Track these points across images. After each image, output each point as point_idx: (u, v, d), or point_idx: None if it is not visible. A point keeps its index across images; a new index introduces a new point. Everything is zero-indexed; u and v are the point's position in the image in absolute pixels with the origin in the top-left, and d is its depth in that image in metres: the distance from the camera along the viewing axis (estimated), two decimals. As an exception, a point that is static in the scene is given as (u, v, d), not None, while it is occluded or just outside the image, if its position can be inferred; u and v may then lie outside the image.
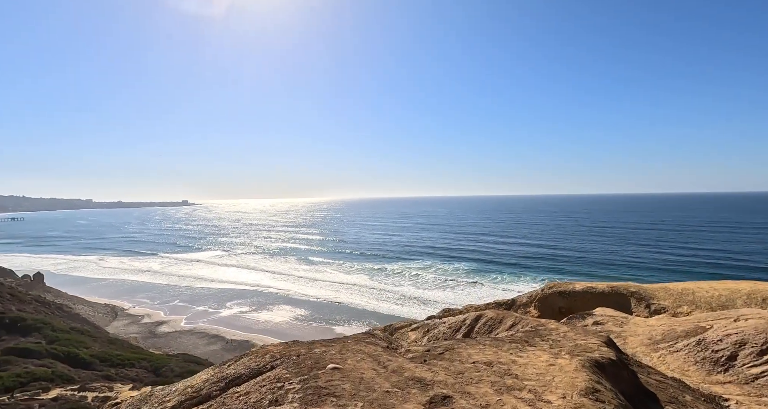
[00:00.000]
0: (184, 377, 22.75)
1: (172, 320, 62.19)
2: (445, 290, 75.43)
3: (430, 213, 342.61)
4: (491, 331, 5.50)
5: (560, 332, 5.30)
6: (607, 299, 9.20)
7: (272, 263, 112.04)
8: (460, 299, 68.05)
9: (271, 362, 4.67)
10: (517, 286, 75.57)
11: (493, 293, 70.81)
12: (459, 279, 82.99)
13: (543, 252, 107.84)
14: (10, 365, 29.07)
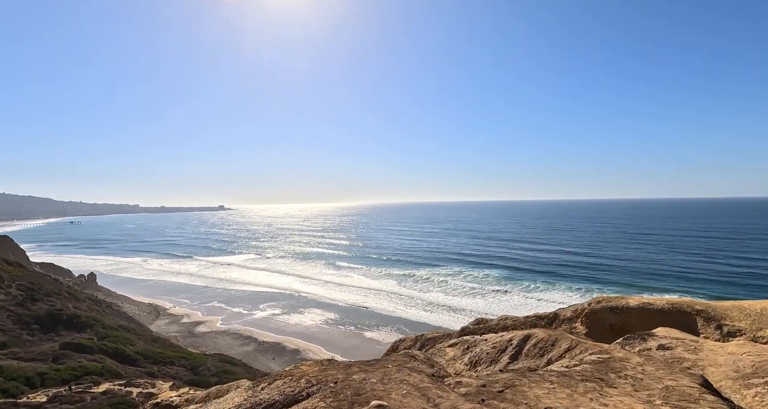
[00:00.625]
0: (220, 376, 23.38)
1: (208, 321, 64.87)
2: (474, 298, 73.59)
3: (458, 218, 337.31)
4: (543, 354, 5.00)
5: (635, 364, 4.58)
6: (667, 317, 8.22)
7: (301, 267, 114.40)
8: (492, 308, 66.07)
9: (307, 388, 4.33)
10: (551, 295, 72.39)
11: (527, 303, 68.24)
12: (489, 286, 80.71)
13: (579, 260, 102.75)
14: (66, 358, 31.37)
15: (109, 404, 23.50)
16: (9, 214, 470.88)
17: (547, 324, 9.97)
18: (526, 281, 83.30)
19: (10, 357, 30.51)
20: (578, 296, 70.79)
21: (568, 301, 66.16)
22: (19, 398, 23.50)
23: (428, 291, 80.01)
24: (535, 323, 10.92)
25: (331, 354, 50.15)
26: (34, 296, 47.09)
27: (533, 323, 10.96)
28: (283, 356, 49.67)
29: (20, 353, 32.33)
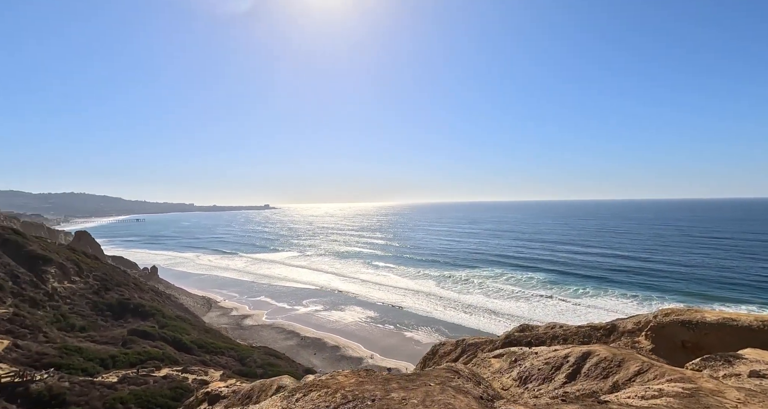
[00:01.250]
0: (265, 369, 24.32)
1: (255, 314, 68.36)
2: (518, 301, 70.59)
3: (500, 219, 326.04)
4: (606, 376, 4.35)
5: (734, 402, 3.57)
6: (756, 336, 6.82)
7: (341, 265, 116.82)
8: (536, 313, 62.98)
9: (343, 404, 4.07)
10: (602, 301, 67.48)
11: (575, 309, 64.25)
12: (533, 290, 77.01)
13: (634, 265, 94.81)
14: (133, 343, 34.57)
15: (169, 388, 25.50)
16: (87, 212, 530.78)
17: (603, 336, 9.16)
18: (573, 286, 78.44)
19: (88, 340, 34.20)
20: (634, 303, 65.37)
21: (622, 309, 61.32)
22: (95, 377, 26.25)
23: (467, 293, 78.10)
24: (589, 333, 10.07)
25: (370, 352, 50.63)
26: (107, 285, 52.47)
27: (587, 333, 10.12)
28: (323, 352, 50.99)
29: (96, 336, 36.15)
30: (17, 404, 20.96)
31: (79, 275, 51.76)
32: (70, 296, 46.18)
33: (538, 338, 11.69)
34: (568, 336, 10.63)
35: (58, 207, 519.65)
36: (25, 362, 25.56)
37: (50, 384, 22.85)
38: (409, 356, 49.11)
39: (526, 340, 12.33)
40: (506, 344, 12.96)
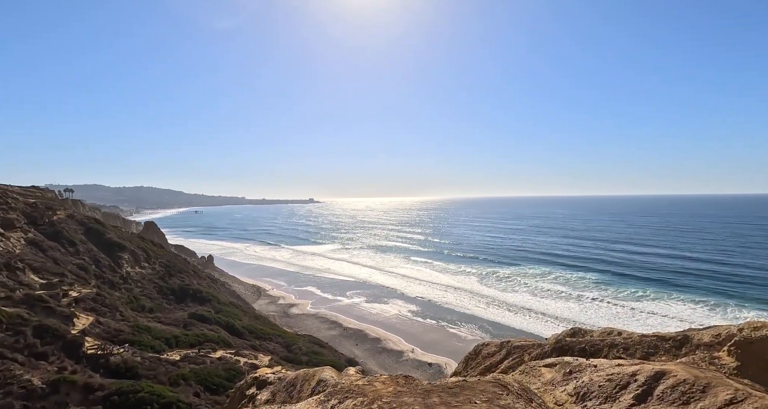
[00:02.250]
0: (309, 357, 25.25)
1: (300, 304, 71.45)
2: (567, 302, 66.69)
3: (548, 214, 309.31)
4: (687, 403, 3.63)
5: None
6: None
7: (381, 259, 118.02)
8: (588, 316, 59.13)
9: None
10: (666, 307, 61.57)
11: (633, 314, 59.35)
12: (584, 291, 72.23)
13: (705, 268, 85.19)
14: (193, 326, 37.69)
15: (223, 369, 27.51)
16: (154, 203, 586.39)
17: (673, 348, 8.22)
18: (631, 288, 72.45)
19: (155, 320, 37.83)
20: (705, 310, 58.96)
21: (690, 317, 55.58)
22: (161, 354, 29.02)
23: (512, 291, 75.29)
24: (655, 344, 9.08)
25: (411, 346, 50.79)
26: (170, 272, 57.63)
27: (652, 344, 9.14)
28: (365, 343, 52.04)
29: (161, 317, 39.90)
30: (100, 374, 23.80)
31: (147, 262, 57.36)
32: (140, 280, 51.36)
33: (594, 346, 10.83)
34: (630, 345, 9.73)
35: (131, 199, 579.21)
36: (105, 337, 28.92)
37: (125, 358, 25.65)
38: (450, 352, 48.58)
39: (579, 346, 11.49)
40: (556, 350, 12.23)
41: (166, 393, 20.90)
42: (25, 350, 23.03)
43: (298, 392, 13.20)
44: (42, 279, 36.52)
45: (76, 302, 33.37)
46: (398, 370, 44.28)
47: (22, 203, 53.54)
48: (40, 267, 38.96)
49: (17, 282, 33.32)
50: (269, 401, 14.14)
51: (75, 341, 25.89)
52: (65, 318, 28.83)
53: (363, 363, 43.21)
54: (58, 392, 19.31)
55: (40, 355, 23.18)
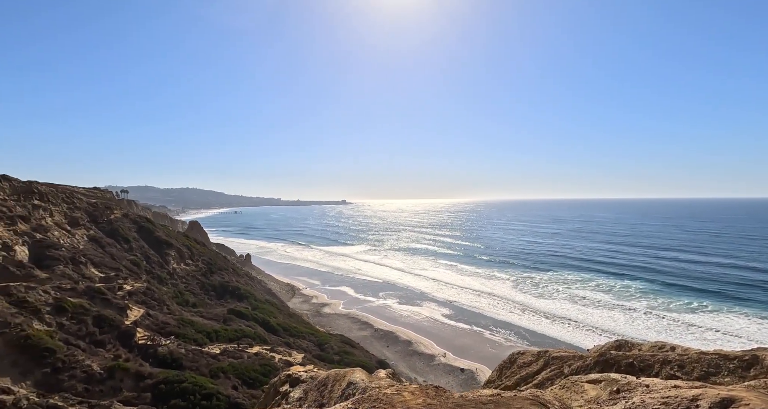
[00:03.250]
0: (341, 356, 25.56)
1: (332, 303, 72.69)
2: (611, 311, 62.62)
3: (589, 218, 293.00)
4: None
5: None
6: None
7: (412, 261, 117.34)
8: (635, 328, 55.17)
9: None
10: (725, 321, 56.01)
11: (688, 329, 54.53)
12: (630, 301, 67.47)
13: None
14: (231, 321, 39.47)
15: (259, 364, 28.53)
16: (198, 204, 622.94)
17: (739, 369, 7.44)
18: (683, 299, 66.79)
19: (198, 315, 40.01)
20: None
21: (756, 334, 50.21)
22: (203, 347, 30.63)
23: (549, 298, 71.98)
24: (716, 363, 8.27)
25: (443, 350, 50.00)
26: (211, 269, 60.79)
27: (713, 363, 8.32)
28: (396, 345, 51.93)
29: (203, 312, 42.15)
30: (149, 363, 25.54)
31: (191, 259, 60.89)
32: (185, 276, 54.60)
33: (643, 361, 10.07)
34: (686, 363, 8.94)
35: (177, 200, 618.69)
36: (154, 328, 31.01)
37: (171, 349, 27.33)
38: (482, 358, 47.28)
39: (627, 361, 10.74)
40: (600, 363, 11.52)
41: (207, 385, 22.01)
42: (86, 337, 25.21)
43: (329, 391, 13.38)
44: (101, 273, 39.86)
45: (129, 295, 36.07)
46: (429, 374, 43.72)
47: (85, 203, 58.83)
48: (100, 262, 42.55)
49: (80, 275, 36.60)
50: (301, 399, 14.45)
51: (128, 331, 27.98)
52: (120, 310, 31.24)
53: (393, 365, 43.12)
54: (113, 377, 20.94)
55: (98, 343, 25.27)
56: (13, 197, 42.64)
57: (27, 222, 39.29)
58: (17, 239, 35.73)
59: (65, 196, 54.22)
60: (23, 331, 20.03)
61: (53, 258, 36.12)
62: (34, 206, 44.09)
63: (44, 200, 46.58)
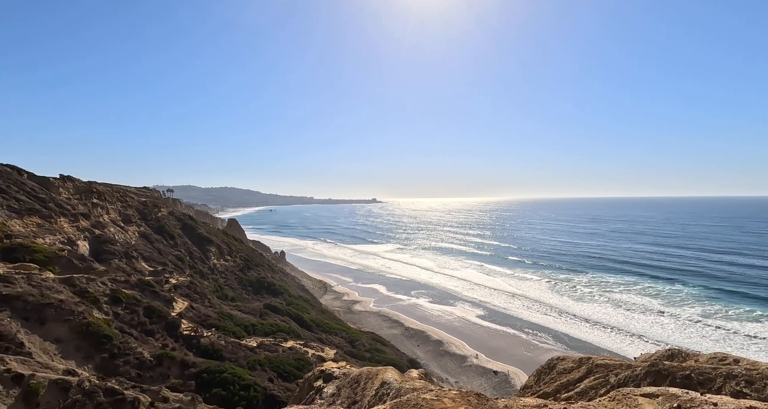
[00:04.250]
0: (372, 353, 25.63)
1: (363, 301, 73.44)
2: (659, 318, 58.41)
3: (633, 218, 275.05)
4: None
5: None
6: None
7: (443, 261, 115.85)
8: (689, 336, 51.11)
9: None
10: (795, 332, 50.46)
11: (752, 341, 49.74)
12: (682, 307, 62.53)
13: None
14: (267, 316, 40.95)
15: (294, 358, 29.37)
16: (236, 202, 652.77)
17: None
18: (744, 307, 60.99)
19: (236, 309, 41.87)
20: None
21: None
22: (241, 340, 32.00)
23: (588, 301, 68.40)
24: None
25: (475, 351, 49.02)
26: (249, 265, 63.39)
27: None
28: (426, 345, 51.57)
29: (241, 306, 44.04)
30: (193, 353, 27.08)
31: (229, 255, 63.86)
32: (224, 271, 57.35)
33: (702, 374, 9.30)
34: (755, 379, 8.20)
35: (217, 199, 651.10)
36: (196, 320, 32.83)
37: (212, 341, 28.80)
38: (518, 362, 45.83)
39: (683, 373, 9.97)
40: (651, 374, 10.77)
41: (246, 376, 22.96)
42: (138, 326, 27.15)
43: (362, 389, 13.48)
44: (150, 267, 42.79)
45: (175, 288, 38.41)
46: (461, 375, 43.02)
47: (136, 202, 63.39)
48: (149, 256, 45.70)
49: (132, 268, 39.50)
50: (334, 395, 14.68)
51: (174, 322, 29.80)
52: (167, 302, 33.35)
53: (425, 365, 42.85)
54: (161, 365, 22.39)
55: (148, 332, 27.12)
56: (76, 196, 46.74)
57: (87, 219, 42.93)
58: (80, 235, 39.14)
59: (119, 195, 58.68)
60: (85, 319, 21.91)
61: (109, 252, 39.22)
62: (93, 204, 48.10)
63: (102, 199, 50.67)
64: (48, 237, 34.67)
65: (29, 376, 13.47)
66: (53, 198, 41.09)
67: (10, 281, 21.92)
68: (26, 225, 34.42)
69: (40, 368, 14.52)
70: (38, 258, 28.29)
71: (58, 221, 37.83)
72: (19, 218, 34.23)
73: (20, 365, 13.96)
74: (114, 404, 14.68)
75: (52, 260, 29.44)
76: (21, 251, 28.48)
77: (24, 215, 34.96)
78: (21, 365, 14.06)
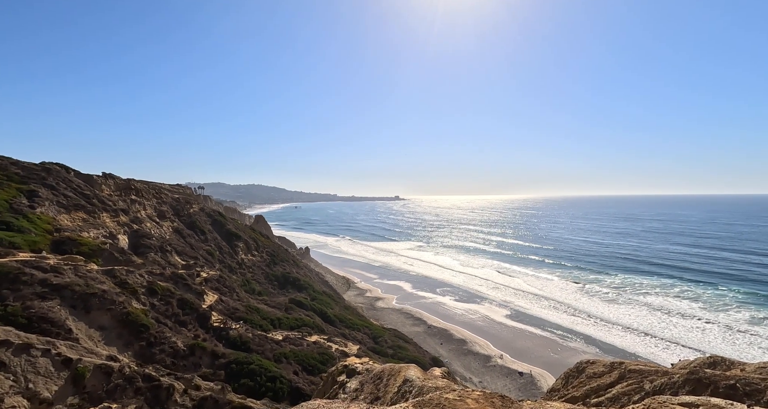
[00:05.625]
0: (395, 350, 25.70)
1: (386, 298, 73.77)
2: (698, 323, 55.04)
3: (671, 216, 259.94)
4: None
5: None
6: None
7: (467, 259, 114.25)
8: (734, 344, 47.85)
9: None
10: None
11: (801, 347, 46.06)
12: (724, 313, 58.56)
13: None
14: (292, 310, 41.97)
15: (318, 352, 29.98)
16: (263, 199, 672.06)
17: None
18: (798, 314, 56.35)
19: (263, 303, 43.16)
20: None
21: None
22: (267, 333, 33.00)
23: (620, 303, 65.45)
24: None
25: (500, 351, 48.18)
26: (274, 260, 65.13)
27: None
28: (450, 343, 51.19)
29: (268, 300, 45.35)
30: (222, 344, 28.22)
31: (256, 250, 65.84)
32: (251, 266, 59.21)
33: (749, 385, 8.75)
34: (809, 393, 7.65)
35: (244, 196, 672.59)
36: (225, 313, 34.14)
37: (241, 333, 29.87)
38: (544, 363, 44.64)
39: (726, 382, 9.40)
40: (691, 382, 10.24)
41: (272, 368, 23.68)
42: (172, 317, 28.59)
43: (385, 386, 13.57)
44: (182, 261, 44.87)
45: (205, 281, 40.10)
46: (485, 375, 42.43)
47: (170, 198, 66.55)
48: (181, 251, 47.91)
49: (167, 262, 41.57)
50: (357, 390, 14.87)
51: (205, 314, 31.14)
52: (198, 294, 34.89)
53: (448, 364, 42.58)
54: (194, 354, 23.48)
55: (181, 323, 28.49)
56: (116, 193, 49.66)
57: (126, 214, 45.54)
58: (120, 229, 41.57)
59: (155, 192, 61.78)
60: (125, 308, 23.32)
61: (146, 246, 41.43)
62: (131, 200, 50.94)
63: (139, 196, 53.57)
64: (92, 231, 37.02)
65: (77, 360, 14.51)
66: (96, 194, 43.83)
67: (59, 271, 23.61)
68: (73, 220, 36.93)
69: (86, 353, 15.60)
70: (84, 251, 30.30)
71: (100, 216, 40.35)
72: (67, 213, 36.77)
73: (69, 350, 15.05)
74: (151, 389, 15.55)
75: (96, 252, 31.46)
76: (69, 244, 30.61)
77: (71, 211, 37.52)
78: (69, 349, 15.16)
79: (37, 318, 17.94)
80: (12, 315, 17.01)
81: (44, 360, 13.84)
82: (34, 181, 37.98)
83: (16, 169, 38.53)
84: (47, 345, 14.43)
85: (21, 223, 29.59)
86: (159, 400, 15.67)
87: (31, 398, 12.26)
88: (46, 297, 20.22)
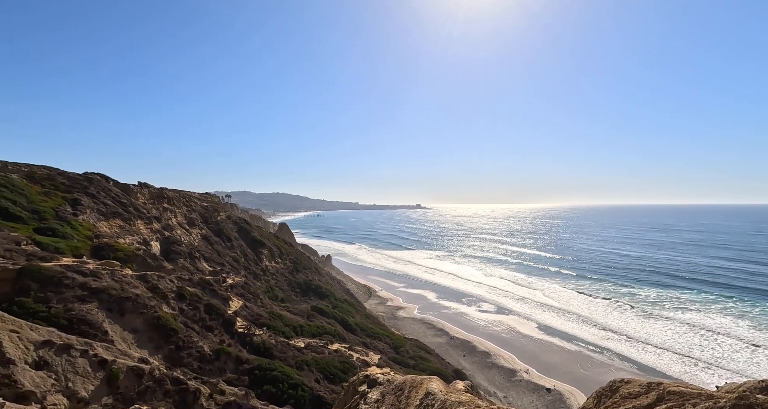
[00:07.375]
0: (416, 361, 25.29)
1: (407, 307, 73.00)
2: (749, 343, 50.95)
3: (712, 227, 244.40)
4: None
5: None
6: None
7: (490, 271, 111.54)
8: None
9: None
10: None
11: None
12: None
13: None
14: (314, 318, 42.26)
15: (339, 361, 29.95)
16: (286, 207, 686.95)
17: None
18: None
19: (285, 310, 43.74)
20: None
21: None
22: (290, 340, 33.34)
23: (655, 318, 61.76)
24: None
25: (526, 366, 46.44)
26: (297, 267, 66.08)
27: None
28: (473, 356, 49.84)
29: (290, 307, 45.92)
30: (246, 349, 28.75)
31: (280, 257, 67.08)
32: (275, 273, 60.32)
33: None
34: None
35: (269, 204, 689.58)
36: (250, 319, 34.83)
37: (264, 339, 30.33)
38: (573, 380, 42.59)
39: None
40: (741, 408, 9.51)
41: (294, 375, 23.85)
42: (199, 321, 29.47)
43: (406, 398, 13.34)
44: (210, 267, 46.36)
45: (231, 287, 41.17)
46: (510, 390, 40.92)
47: (199, 206, 69.28)
48: (209, 257, 49.54)
49: (195, 268, 43.08)
50: (378, 402, 14.68)
51: (230, 319, 31.90)
52: (224, 300, 35.84)
53: (471, 377, 41.42)
54: (219, 359, 24.04)
55: (208, 327, 29.30)
56: (150, 201, 52.23)
57: (159, 222, 47.73)
58: (153, 236, 43.57)
59: (185, 200, 64.50)
60: (156, 312, 24.27)
61: (176, 253, 43.14)
62: (164, 208, 53.38)
63: (171, 204, 56.07)
64: (128, 237, 39.01)
65: (111, 361, 15.19)
66: (132, 203, 46.25)
67: (98, 275, 24.95)
68: (111, 227, 39.07)
69: (120, 355, 16.31)
70: (120, 256, 31.93)
71: (135, 224, 42.48)
72: (106, 220, 38.97)
73: (105, 351, 15.79)
74: (179, 392, 16.01)
75: (131, 258, 33.06)
76: (107, 250, 32.35)
77: (109, 218, 39.74)
78: (105, 351, 15.90)
79: (77, 320, 18.97)
80: (55, 317, 18.08)
81: (82, 361, 14.58)
82: (78, 190, 40.55)
83: (62, 179, 41.31)
84: (85, 346, 15.21)
85: (65, 229, 31.57)
86: (186, 403, 16.10)
87: (70, 396, 12.91)
88: (86, 300, 21.35)
